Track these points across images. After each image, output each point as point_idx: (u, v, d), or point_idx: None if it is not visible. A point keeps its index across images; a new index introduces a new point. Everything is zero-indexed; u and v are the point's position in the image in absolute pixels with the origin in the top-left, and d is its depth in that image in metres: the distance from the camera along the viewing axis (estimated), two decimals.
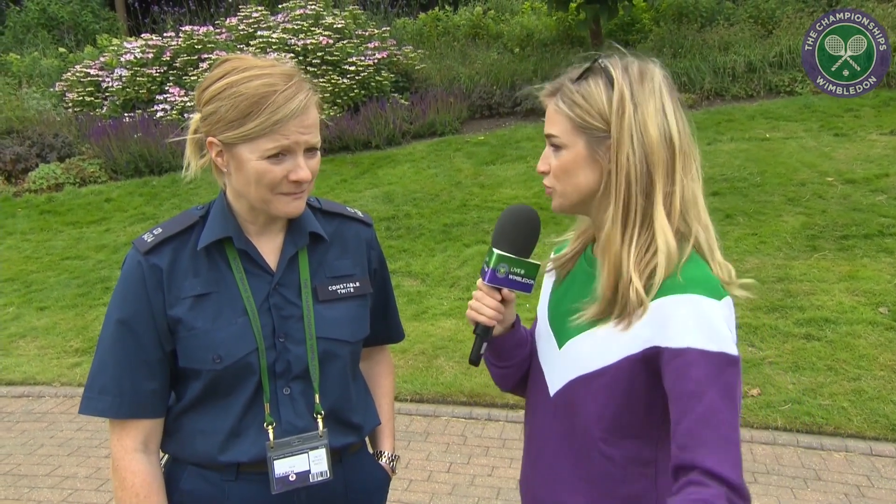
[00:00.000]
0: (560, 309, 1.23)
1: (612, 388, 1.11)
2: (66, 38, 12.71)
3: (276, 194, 1.19)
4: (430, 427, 3.70)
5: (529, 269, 1.19)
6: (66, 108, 9.39)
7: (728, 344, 1.03)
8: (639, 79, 1.11)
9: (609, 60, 1.13)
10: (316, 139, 1.20)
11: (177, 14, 11.82)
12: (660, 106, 1.10)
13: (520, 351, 1.28)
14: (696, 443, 0.99)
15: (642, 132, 1.08)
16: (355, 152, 8.08)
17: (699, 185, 1.14)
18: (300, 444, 1.23)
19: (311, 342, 1.25)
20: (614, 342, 1.10)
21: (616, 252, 1.09)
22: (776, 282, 4.70)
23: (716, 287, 1.07)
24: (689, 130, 1.13)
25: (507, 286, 1.18)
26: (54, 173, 8.02)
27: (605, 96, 1.10)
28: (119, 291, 1.22)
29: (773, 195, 5.97)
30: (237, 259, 1.24)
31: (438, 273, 5.39)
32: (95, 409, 1.20)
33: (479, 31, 10.78)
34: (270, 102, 1.13)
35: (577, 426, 1.16)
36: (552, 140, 1.15)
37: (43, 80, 10.36)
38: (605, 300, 1.10)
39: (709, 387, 1.00)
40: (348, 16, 9.39)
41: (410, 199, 6.74)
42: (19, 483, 3.32)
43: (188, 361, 1.22)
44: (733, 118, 7.79)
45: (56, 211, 7.43)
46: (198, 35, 9.23)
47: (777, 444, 3.33)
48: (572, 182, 1.14)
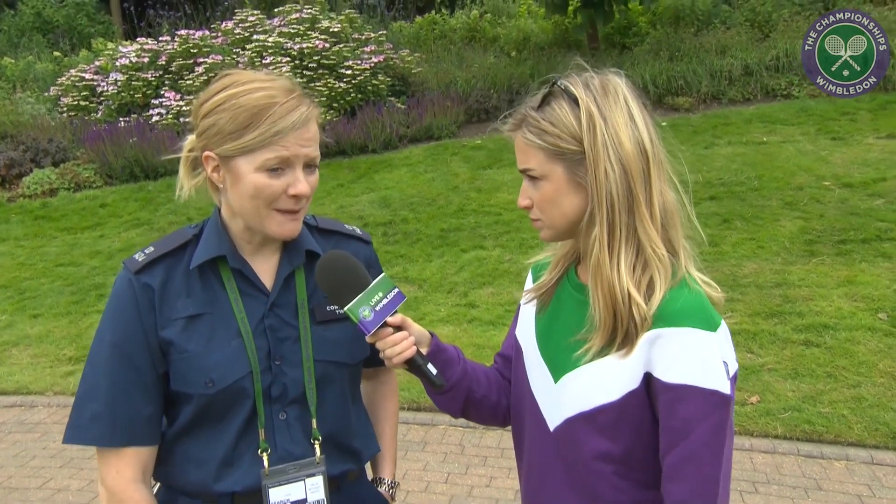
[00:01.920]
0: (551, 339, 1.19)
1: (618, 426, 1.08)
2: (60, 43, 12.65)
3: (272, 210, 1.15)
4: (427, 436, 3.67)
5: (380, 287, 1.13)
6: (60, 112, 9.34)
7: (721, 381, 1.02)
8: (602, 92, 1.08)
9: (567, 80, 1.10)
10: (316, 153, 1.17)
11: (172, 18, 11.78)
12: (628, 116, 1.07)
13: (451, 371, 1.23)
14: (678, 478, 1.02)
15: (617, 145, 1.05)
16: (352, 157, 8.05)
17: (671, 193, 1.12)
18: (296, 471, 1.19)
19: (309, 364, 1.21)
20: (615, 376, 1.06)
21: (607, 276, 1.06)
22: (774, 287, 4.68)
23: (710, 316, 1.04)
24: (658, 136, 1.11)
25: (385, 316, 1.13)
26: (49, 178, 7.97)
27: (572, 117, 1.07)
28: (110, 313, 1.18)
29: (770, 199, 5.96)
30: (231, 279, 1.21)
31: (436, 279, 5.36)
32: (86, 437, 1.15)
33: (476, 34, 10.77)
34: (271, 114, 1.11)
35: (581, 463, 1.12)
36: (529, 173, 1.12)
37: (37, 84, 10.30)
38: (607, 328, 1.07)
39: (698, 424, 1.01)
40: (344, 20, 9.36)
41: (407, 204, 6.71)
42: (10, 496, 3.27)
43: (180, 385, 1.18)
44: (730, 122, 7.78)
45: (50, 216, 7.38)
46: (193, 39, 9.20)
47: (777, 452, 3.30)
48: (559, 211, 1.11)
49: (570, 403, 1.11)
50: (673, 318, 1.03)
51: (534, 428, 1.20)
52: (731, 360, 1.05)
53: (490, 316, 4.72)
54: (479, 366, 1.33)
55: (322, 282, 1.15)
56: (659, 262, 1.06)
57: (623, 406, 1.06)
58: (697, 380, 1.01)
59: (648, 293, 1.06)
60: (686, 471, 1.02)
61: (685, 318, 1.03)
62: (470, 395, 1.27)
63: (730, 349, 1.06)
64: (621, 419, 1.07)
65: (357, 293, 1.12)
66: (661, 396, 1.03)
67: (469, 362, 1.30)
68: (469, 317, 4.76)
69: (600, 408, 1.07)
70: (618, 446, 1.08)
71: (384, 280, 1.14)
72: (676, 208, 1.11)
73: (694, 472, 1.01)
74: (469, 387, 1.26)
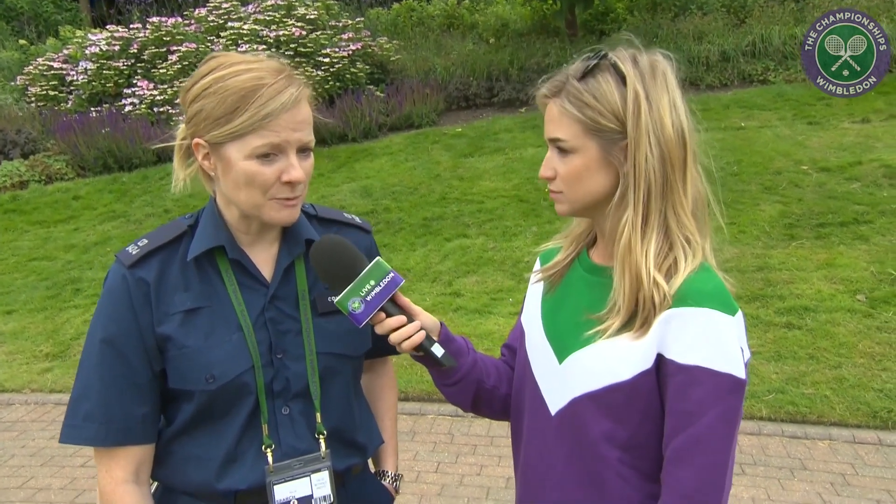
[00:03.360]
0: (557, 320, 1.16)
1: (626, 407, 1.05)
2: (26, 30, 12.29)
3: (267, 199, 1.10)
4: (416, 426, 3.65)
5: (373, 275, 1.09)
6: (28, 102, 9.08)
7: (737, 366, 1.00)
8: (651, 73, 1.05)
9: (616, 54, 1.07)
10: (309, 137, 1.12)
11: (143, 5, 11.50)
12: (672, 101, 1.05)
13: (461, 361, 1.20)
14: (683, 462, 0.99)
15: (660, 131, 1.03)
16: (331, 146, 7.95)
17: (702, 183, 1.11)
18: (301, 466, 1.15)
19: (312, 358, 1.17)
20: (627, 356, 1.04)
21: (637, 260, 1.03)
22: (756, 271, 4.74)
23: (729, 301, 1.03)
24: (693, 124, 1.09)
25: (379, 304, 1.09)
26: (18, 171, 7.76)
27: (617, 95, 1.04)
28: (103, 308, 1.13)
29: (749, 184, 6.01)
30: (230, 271, 1.16)
31: (420, 268, 5.33)
32: (80, 437, 1.11)
33: (454, 21, 10.68)
34: (259, 96, 1.06)
35: (586, 447, 1.09)
36: (559, 144, 1.08)
37: (2, 73, 10.00)
38: (628, 311, 1.04)
39: (710, 408, 0.98)
40: (321, 6, 9.22)
41: (389, 193, 6.66)
42: None
43: (179, 382, 1.13)
44: (708, 107, 7.83)
45: (21, 210, 7.19)
46: (166, 27, 8.99)
47: (762, 434, 3.35)
48: (584, 187, 1.08)
49: (576, 383, 1.09)
50: (693, 298, 1.01)
51: (534, 414, 1.17)
52: (745, 347, 1.04)
53: (475, 304, 4.71)
54: (489, 358, 1.30)
55: (317, 268, 1.12)
56: (688, 245, 1.04)
57: (633, 387, 1.03)
58: (713, 362, 0.99)
59: (671, 274, 1.04)
60: (693, 455, 0.98)
61: (706, 298, 1.01)
62: (480, 386, 1.24)
63: (745, 337, 1.05)
64: (631, 401, 1.04)
65: (349, 282, 1.08)
66: (672, 378, 1.01)
67: (479, 354, 1.27)
68: (454, 305, 4.74)
69: (610, 387, 1.05)
70: (624, 429, 1.05)
71: (377, 266, 1.10)
72: (705, 198, 1.10)
73: (701, 457, 0.98)
74: (479, 378, 1.23)
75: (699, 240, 1.06)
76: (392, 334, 1.12)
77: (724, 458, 0.99)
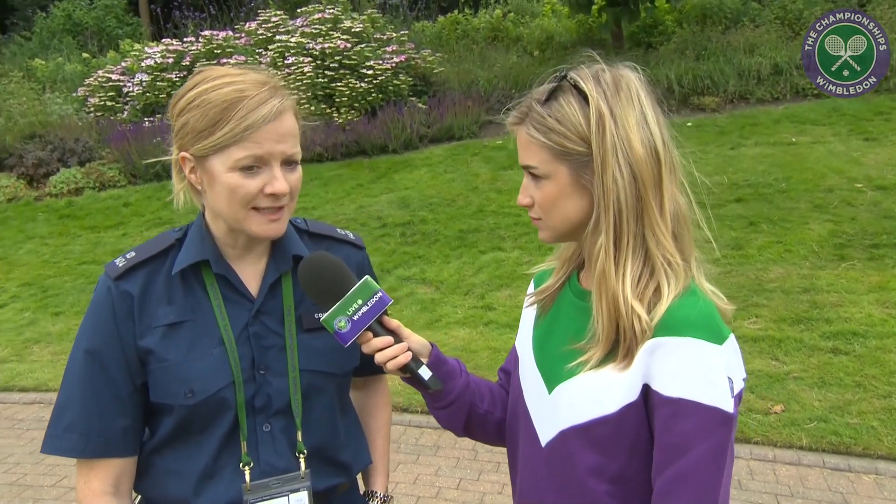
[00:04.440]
0: (547, 347, 1.12)
1: (613, 440, 1.00)
2: (89, 44, 12.87)
3: (250, 211, 1.10)
4: (440, 440, 3.61)
5: (360, 294, 1.07)
6: (87, 112, 9.48)
7: (724, 399, 0.94)
8: (614, 89, 1.00)
9: (578, 73, 1.02)
10: (294, 150, 1.11)
11: (197, 19, 11.90)
12: (640, 116, 1.00)
13: (453, 384, 1.17)
14: (672, 498, 0.95)
15: (627, 148, 0.98)
16: (372, 157, 8.03)
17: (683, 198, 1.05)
18: (280, 485, 1.13)
19: (294, 375, 1.16)
20: (612, 388, 0.99)
21: (612, 287, 0.99)
22: (802, 292, 4.54)
23: (717, 327, 0.97)
24: (670, 137, 1.03)
25: (365, 324, 1.07)
26: (74, 178, 8.09)
27: (581, 115, 0.99)
28: (88, 319, 1.14)
29: (799, 202, 5.78)
30: (215, 284, 1.16)
31: (453, 280, 5.30)
32: (60, 448, 1.11)
33: (499, 34, 10.69)
34: (240, 108, 1.05)
35: (575, 480, 1.04)
36: (531, 171, 1.05)
37: (66, 85, 10.48)
38: (608, 341, 1.00)
39: (697, 442, 0.94)
40: (367, 19, 9.35)
41: (426, 205, 6.67)
42: (24, 494, 3.30)
43: (159, 396, 1.13)
44: (758, 122, 7.60)
45: (75, 215, 7.49)
46: (217, 40, 9.27)
47: (802, 464, 3.18)
48: (560, 213, 1.04)
49: (564, 415, 1.04)
50: (677, 328, 0.96)
51: (526, 443, 1.13)
52: (737, 377, 0.98)
53: (507, 319, 4.65)
54: (483, 381, 1.27)
55: (304, 285, 1.10)
56: (669, 269, 0.99)
57: (620, 420, 0.99)
58: (698, 395, 0.94)
59: (654, 301, 0.99)
60: (681, 490, 0.94)
61: (690, 327, 0.96)
62: (472, 409, 1.20)
63: (737, 365, 0.99)
64: (618, 434, 1.00)
65: (336, 300, 1.07)
66: (658, 410, 0.96)
67: (472, 376, 1.23)
68: (486, 319, 4.69)
69: (596, 420, 1.00)
70: (612, 463, 1.01)
71: (365, 285, 1.08)
72: (687, 214, 1.04)
73: (690, 493, 0.94)
74: (471, 401, 1.20)
75: (680, 261, 1.01)
76: (378, 354, 1.10)
77: (714, 493, 0.94)
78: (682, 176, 1.05)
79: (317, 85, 8.43)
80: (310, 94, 8.36)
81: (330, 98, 8.50)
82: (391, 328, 1.12)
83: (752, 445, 3.32)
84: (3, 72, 11.04)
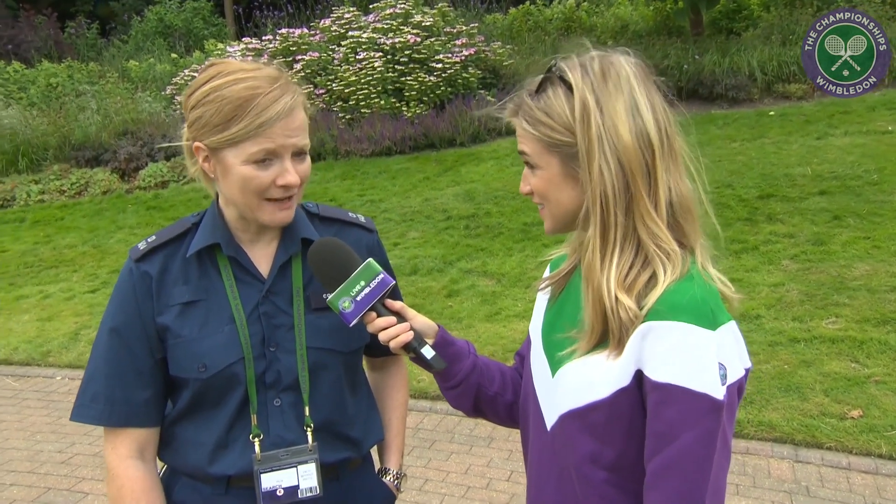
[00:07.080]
0: (553, 332, 1.11)
1: (608, 426, 0.98)
2: (178, 45, 13.58)
3: (263, 201, 1.15)
4: (494, 433, 3.60)
5: (363, 275, 1.12)
6: (174, 110, 10.01)
7: (713, 385, 0.90)
8: (601, 77, 0.97)
9: (566, 63, 1.00)
10: (304, 142, 1.16)
11: (276, 18, 12.32)
12: (630, 103, 0.97)
13: (460, 365, 1.18)
14: (657, 487, 0.92)
15: (614, 138, 0.95)
16: (440, 150, 8.07)
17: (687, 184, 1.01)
18: (288, 457, 1.18)
19: (302, 352, 1.21)
20: (605, 372, 0.98)
21: (597, 279, 0.98)
22: (889, 291, 4.22)
23: (710, 312, 0.93)
24: (671, 122, 0.99)
25: (368, 304, 1.11)
26: (161, 171, 8.57)
27: (567, 107, 0.98)
28: (113, 299, 1.22)
29: (891, 195, 5.38)
30: (228, 266, 1.22)
31: (515, 273, 5.26)
32: (86, 416, 1.20)
33: (572, 24, 10.49)
34: (254, 105, 1.10)
35: (573, 467, 1.03)
36: (526, 159, 1.05)
37: (156, 84, 11.11)
38: (596, 332, 0.99)
39: (684, 430, 0.90)
40: (437, 13, 9.40)
41: (491, 198, 6.64)
42: (79, 472, 3.53)
43: (176, 370, 1.20)
44: (850, 110, 7.12)
45: (161, 207, 7.93)
46: (293, 37, 9.56)
47: (879, 473, 2.97)
48: (556, 203, 1.04)
49: (563, 398, 1.04)
50: (667, 312, 0.93)
51: (535, 427, 1.13)
52: (733, 365, 0.93)
53: None
54: (495, 363, 1.27)
55: (313, 268, 1.16)
56: (665, 257, 0.96)
57: (613, 405, 0.97)
58: (685, 380, 0.91)
59: (650, 287, 0.96)
60: (666, 480, 0.92)
61: (681, 312, 0.92)
62: (480, 391, 1.21)
63: (734, 352, 0.95)
64: (611, 419, 0.98)
65: (341, 283, 1.11)
66: (649, 396, 0.94)
67: (482, 358, 1.25)
68: None
69: (590, 405, 0.99)
70: (609, 449, 0.99)
71: (367, 267, 1.13)
72: (693, 201, 1.01)
73: (675, 483, 0.91)
74: (479, 382, 1.21)
75: (677, 248, 0.97)
76: (381, 333, 1.14)
77: (700, 485, 0.91)
78: (688, 162, 1.02)
79: (387, 80, 8.55)
80: (380, 88, 8.49)
81: (399, 92, 8.60)
82: (395, 309, 1.15)
83: (825, 451, 3.13)
84: (102, 73, 11.82)
